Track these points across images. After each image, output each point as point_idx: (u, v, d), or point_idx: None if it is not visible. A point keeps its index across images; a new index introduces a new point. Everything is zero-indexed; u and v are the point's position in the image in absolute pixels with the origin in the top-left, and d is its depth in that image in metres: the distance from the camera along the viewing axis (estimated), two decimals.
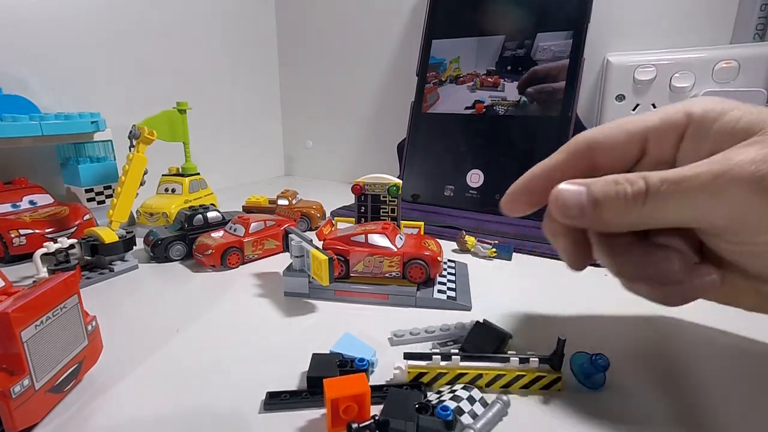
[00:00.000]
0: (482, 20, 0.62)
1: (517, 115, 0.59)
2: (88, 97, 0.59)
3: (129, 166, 0.44)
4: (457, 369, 0.24)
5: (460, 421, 0.21)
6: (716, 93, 0.51)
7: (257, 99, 0.88)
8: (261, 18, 0.86)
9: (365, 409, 0.21)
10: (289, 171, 0.98)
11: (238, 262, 0.43)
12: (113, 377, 0.26)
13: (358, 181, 0.40)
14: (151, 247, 0.44)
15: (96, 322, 0.26)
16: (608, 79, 0.58)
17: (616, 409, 0.23)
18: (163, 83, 0.69)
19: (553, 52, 0.57)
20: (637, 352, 0.28)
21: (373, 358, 0.26)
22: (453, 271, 0.40)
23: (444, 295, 0.35)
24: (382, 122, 0.81)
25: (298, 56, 0.88)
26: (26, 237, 0.43)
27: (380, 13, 0.77)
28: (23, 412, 0.21)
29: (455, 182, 0.61)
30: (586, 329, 0.31)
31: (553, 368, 0.24)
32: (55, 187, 0.55)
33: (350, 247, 0.36)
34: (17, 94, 0.50)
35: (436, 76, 0.65)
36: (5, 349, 0.20)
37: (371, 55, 0.79)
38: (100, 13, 0.60)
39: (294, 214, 0.54)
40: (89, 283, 0.39)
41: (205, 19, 0.74)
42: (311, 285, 0.36)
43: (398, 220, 0.40)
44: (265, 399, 0.24)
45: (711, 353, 0.28)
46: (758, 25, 0.51)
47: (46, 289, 0.22)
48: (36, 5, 0.54)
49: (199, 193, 0.57)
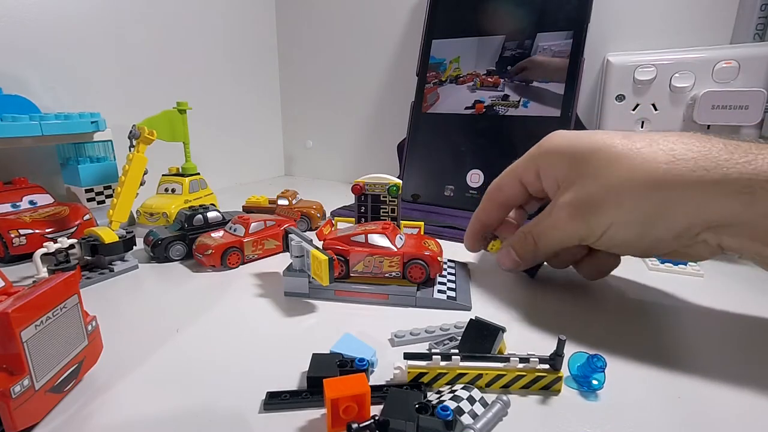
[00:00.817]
0: (482, 20, 0.62)
1: (517, 115, 0.59)
2: (88, 97, 0.59)
3: (129, 166, 0.43)
4: (457, 369, 0.24)
5: (460, 421, 0.21)
6: (716, 93, 0.51)
7: (257, 99, 0.88)
8: (261, 18, 0.86)
9: (365, 409, 0.21)
10: (289, 171, 0.98)
11: (238, 262, 0.43)
12: (113, 377, 0.26)
13: (358, 181, 0.40)
14: (151, 247, 0.44)
15: (96, 322, 0.26)
16: (608, 79, 0.58)
17: (616, 409, 0.23)
18: (163, 83, 0.69)
19: (553, 52, 0.57)
20: (637, 352, 0.28)
21: (373, 358, 0.26)
22: (453, 271, 0.40)
23: (444, 295, 0.35)
24: (382, 122, 0.81)
25: (298, 56, 0.88)
26: (26, 237, 0.43)
27: (380, 13, 0.77)
28: (23, 412, 0.21)
29: (455, 182, 0.61)
30: (587, 329, 0.31)
31: (553, 368, 0.24)
32: (55, 187, 0.55)
33: (350, 247, 0.36)
34: (17, 94, 0.50)
35: (436, 76, 0.65)
36: (5, 349, 0.20)
37: (371, 55, 0.79)
38: (100, 13, 0.60)
39: (294, 214, 0.54)
40: (89, 283, 0.39)
41: (205, 19, 0.74)
42: (311, 285, 0.36)
43: (398, 220, 0.40)
44: (265, 399, 0.24)
45: (711, 354, 0.28)
46: (758, 25, 0.51)
47: (46, 289, 0.22)
48: (36, 5, 0.54)
49: (199, 193, 0.57)
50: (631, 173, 0.29)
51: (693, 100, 0.53)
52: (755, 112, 0.50)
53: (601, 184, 0.30)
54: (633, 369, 0.26)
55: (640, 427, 0.22)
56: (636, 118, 0.57)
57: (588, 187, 0.30)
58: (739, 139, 0.28)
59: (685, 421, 0.22)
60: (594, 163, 0.30)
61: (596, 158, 0.30)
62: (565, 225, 0.32)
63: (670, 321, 0.32)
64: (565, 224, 0.32)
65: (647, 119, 0.57)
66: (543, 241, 0.34)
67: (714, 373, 0.26)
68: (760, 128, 0.52)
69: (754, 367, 0.27)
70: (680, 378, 0.26)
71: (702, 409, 0.23)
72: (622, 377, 0.26)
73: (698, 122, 0.53)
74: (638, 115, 0.57)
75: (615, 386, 0.25)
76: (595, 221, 0.30)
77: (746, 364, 0.27)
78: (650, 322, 0.32)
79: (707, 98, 0.51)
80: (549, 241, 0.34)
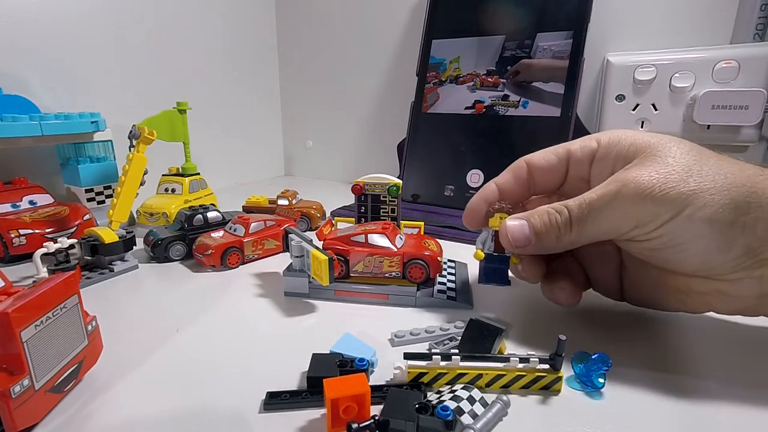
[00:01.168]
0: (482, 20, 0.62)
1: (517, 115, 0.59)
2: (88, 97, 0.59)
3: (129, 166, 0.43)
4: (457, 369, 0.24)
5: (460, 421, 0.21)
6: (716, 93, 0.51)
7: (257, 99, 0.88)
8: (261, 18, 0.86)
9: (365, 409, 0.21)
10: (289, 171, 0.97)
11: (238, 262, 0.43)
12: (113, 377, 0.26)
13: (358, 181, 0.40)
14: (151, 247, 0.44)
15: (96, 322, 0.26)
16: (608, 79, 0.58)
17: (616, 410, 0.23)
18: (163, 83, 0.69)
19: (553, 52, 0.57)
20: (637, 352, 0.28)
21: (373, 358, 0.26)
22: (453, 271, 0.40)
23: (444, 295, 0.35)
24: (382, 122, 0.81)
25: (298, 56, 0.88)
26: (26, 237, 0.43)
27: (380, 13, 0.77)
28: (23, 412, 0.21)
29: (455, 182, 0.61)
30: (587, 329, 0.31)
31: (553, 368, 0.24)
32: (55, 187, 0.55)
33: (350, 247, 0.36)
34: (17, 94, 0.50)
35: (436, 76, 0.65)
36: (5, 349, 0.20)
37: (371, 55, 0.79)
38: (100, 13, 0.60)
39: (294, 214, 0.54)
40: (89, 283, 0.39)
41: (205, 19, 0.74)
42: (311, 285, 0.36)
43: (398, 220, 0.40)
44: (265, 399, 0.24)
45: (713, 353, 0.28)
46: (758, 25, 0.51)
47: (46, 289, 0.22)
48: (36, 5, 0.54)
49: (199, 193, 0.57)
50: (718, 164, 0.25)
51: (693, 100, 0.53)
52: (755, 112, 0.50)
53: (684, 164, 0.25)
54: (633, 369, 0.26)
55: (640, 428, 0.22)
56: (636, 118, 0.57)
57: (665, 165, 0.25)
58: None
59: (685, 422, 0.22)
60: (674, 149, 0.26)
61: (674, 145, 0.27)
62: (625, 198, 0.25)
63: (670, 321, 0.32)
64: (626, 197, 0.25)
65: (647, 119, 0.57)
66: (587, 220, 0.27)
67: (714, 373, 0.26)
68: (760, 128, 0.52)
69: (754, 368, 0.27)
70: (680, 378, 0.26)
71: (702, 409, 0.23)
72: (621, 377, 0.25)
73: (698, 122, 0.53)
74: (638, 115, 0.57)
75: (615, 386, 0.25)
76: (670, 199, 0.25)
77: (747, 364, 0.27)
78: (650, 321, 0.32)
79: (707, 98, 0.51)
80: (596, 220, 0.26)
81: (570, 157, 0.31)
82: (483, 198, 0.33)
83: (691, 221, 0.24)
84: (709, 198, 0.24)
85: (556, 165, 0.31)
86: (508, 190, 0.33)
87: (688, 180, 0.25)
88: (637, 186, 0.25)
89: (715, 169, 0.25)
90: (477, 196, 0.33)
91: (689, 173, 0.25)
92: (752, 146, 0.54)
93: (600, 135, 0.30)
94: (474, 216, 0.33)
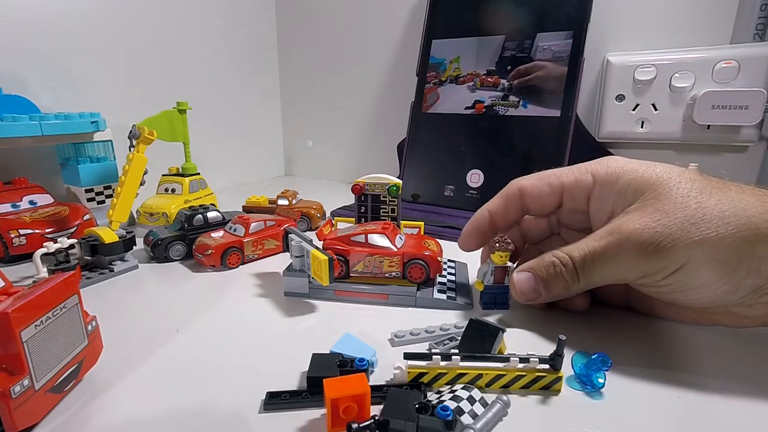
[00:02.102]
0: (482, 20, 0.62)
1: (517, 115, 0.59)
2: (88, 97, 0.59)
3: (129, 166, 0.43)
4: (457, 369, 0.24)
5: (460, 421, 0.21)
6: (716, 93, 0.51)
7: (257, 99, 0.88)
8: (261, 18, 0.86)
9: (365, 409, 0.21)
10: (289, 171, 0.97)
11: (238, 262, 0.43)
12: (113, 377, 0.26)
13: (358, 181, 0.40)
14: (151, 247, 0.44)
15: (96, 322, 0.26)
16: (608, 79, 0.58)
17: (616, 409, 0.23)
18: (163, 83, 0.69)
19: (553, 52, 0.57)
20: (637, 352, 0.28)
21: (373, 358, 0.26)
22: (453, 271, 0.40)
23: (444, 295, 0.35)
24: (382, 122, 0.81)
25: (298, 56, 0.88)
26: (26, 237, 0.43)
27: (380, 13, 0.77)
28: (23, 412, 0.21)
29: (455, 182, 0.61)
30: (587, 329, 0.31)
31: (553, 368, 0.24)
32: (55, 187, 0.54)
33: (350, 247, 0.36)
34: (17, 94, 0.50)
35: (436, 76, 0.65)
36: (5, 349, 0.20)
37: (371, 55, 0.79)
38: (100, 13, 0.60)
39: (294, 214, 0.54)
40: (89, 283, 0.39)
41: (205, 19, 0.74)
42: (311, 285, 0.36)
43: (398, 220, 0.40)
44: (265, 399, 0.24)
45: (712, 354, 0.28)
46: (758, 25, 0.51)
47: (46, 289, 0.22)
48: (36, 5, 0.54)
49: (199, 193, 0.57)
50: (720, 204, 0.25)
51: (693, 100, 0.53)
52: (755, 112, 0.50)
53: (686, 209, 0.25)
54: (633, 369, 0.26)
55: (640, 427, 0.22)
56: (636, 118, 0.57)
57: (665, 214, 0.26)
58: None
59: (685, 422, 0.22)
60: (674, 190, 0.26)
61: (675, 184, 0.27)
62: (629, 253, 0.26)
63: (670, 321, 0.32)
64: (630, 252, 0.26)
65: (647, 119, 0.57)
66: (593, 271, 0.27)
67: (714, 373, 0.26)
68: (760, 128, 0.52)
69: (754, 368, 0.27)
70: (680, 378, 0.26)
71: (702, 409, 0.23)
72: (622, 377, 0.25)
73: (698, 122, 0.53)
74: (638, 115, 0.57)
75: (615, 386, 0.25)
76: (674, 253, 0.25)
77: (747, 364, 0.27)
78: (650, 321, 0.32)
79: (707, 98, 0.51)
80: (602, 272, 0.27)
81: (563, 190, 0.31)
82: (475, 226, 0.34)
83: (696, 272, 0.25)
84: (711, 250, 0.25)
85: (548, 195, 0.32)
86: (501, 215, 0.34)
87: (691, 230, 0.25)
88: (639, 241, 0.26)
89: (718, 213, 0.25)
90: (469, 223, 0.35)
91: (692, 221, 0.25)
92: (752, 146, 0.54)
93: (595, 167, 0.30)
94: (467, 242, 0.35)
